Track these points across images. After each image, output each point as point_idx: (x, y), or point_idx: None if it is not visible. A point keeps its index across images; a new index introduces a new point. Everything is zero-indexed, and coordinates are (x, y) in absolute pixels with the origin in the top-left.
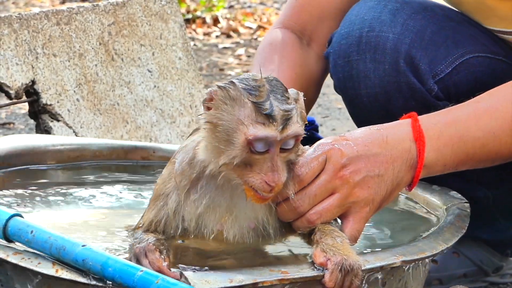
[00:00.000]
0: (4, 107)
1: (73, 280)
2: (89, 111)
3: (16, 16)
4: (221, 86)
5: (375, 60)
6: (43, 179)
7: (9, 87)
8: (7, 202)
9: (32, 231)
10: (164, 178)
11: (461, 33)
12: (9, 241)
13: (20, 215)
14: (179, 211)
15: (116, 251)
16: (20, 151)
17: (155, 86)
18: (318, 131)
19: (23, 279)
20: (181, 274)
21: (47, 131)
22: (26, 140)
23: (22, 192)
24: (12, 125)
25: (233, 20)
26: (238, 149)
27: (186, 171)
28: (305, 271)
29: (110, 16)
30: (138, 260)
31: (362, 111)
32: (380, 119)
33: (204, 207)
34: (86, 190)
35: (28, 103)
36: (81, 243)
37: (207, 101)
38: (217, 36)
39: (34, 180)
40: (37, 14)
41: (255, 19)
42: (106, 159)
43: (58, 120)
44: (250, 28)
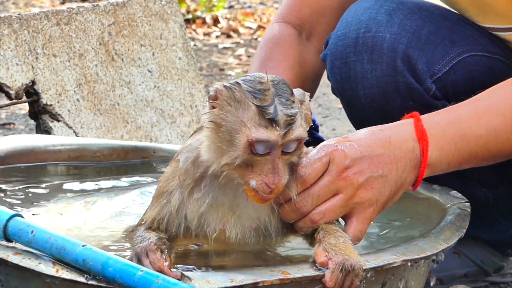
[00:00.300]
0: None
1: (74, 280)
2: (89, 111)
3: (16, 16)
4: (226, 86)
5: (372, 61)
6: (43, 179)
7: (9, 87)
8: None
9: (32, 231)
10: (168, 176)
11: (458, 33)
12: (10, 241)
13: (21, 215)
14: (182, 210)
15: (116, 251)
16: (21, 151)
17: (155, 86)
18: (318, 131)
19: (23, 279)
20: (181, 274)
21: (47, 131)
22: (26, 140)
23: (23, 192)
24: (12, 125)
25: (233, 20)
26: (240, 150)
27: (190, 170)
28: (306, 271)
29: (110, 16)
30: (139, 259)
31: (360, 112)
32: (378, 120)
33: (207, 206)
34: (86, 190)
35: (28, 104)
36: (81, 243)
37: (212, 99)
38: (217, 36)
39: (34, 180)
40: (37, 14)
41: (255, 19)
42: (106, 159)
43: (58, 120)
44: (250, 28)
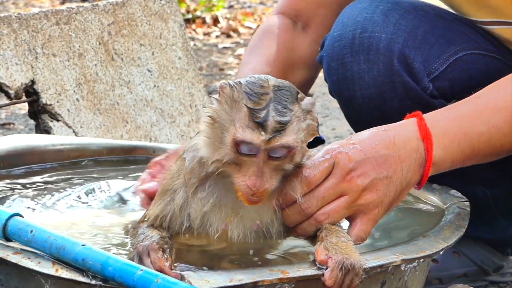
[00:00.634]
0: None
1: (73, 279)
2: (89, 111)
3: (15, 16)
4: (229, 83)
5: (369, 61)
6: (43, 178)
7: (8, 87)
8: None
9: (32, 231)
10: (173, 174)
11: (454, 31)
12: (9, 240)
13: (20, 215)
14: (185, 208)
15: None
16: (20, 151)
17: (155, 86)
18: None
19: (23, 279)
20: (181, 275)
21: (46, 131)
22: (26, 140)
23: (22, 192)
24: (12, 125)
25: (233, 20)
26: (228, 148)
27: (196, 169)
28: (305, 270)
29: (110, 16)
30: (140, 258)
31: (357, 112)
32: (376, 119)
33: (211, 206)
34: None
35: (28, 103)
36: (81, 243)
37: (216, 95)
38: (217, 36)
39: (34, 180)
40: (37, 14)
41: (255, 19)
42: (106, 159)
43: (58, 120)
44: (250, 28)
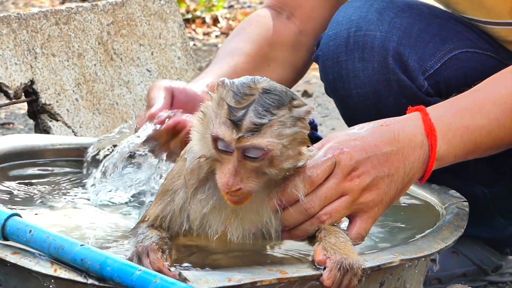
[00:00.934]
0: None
1: (72, 279)
2: (88, 111)
3: (14, 16)
4: (223, 81)
5: (363, 59)
6: (42, 178)
7: (8, 87)
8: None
9: (30, 231)
10: (174, 175)
11: (448, 30)
12: (8, 240)
13: (19, 215)
14: (185, 209)
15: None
16: (20, 151)
17: None
18: (317, 130)
19: (21, 279)
20: (179, 274)
21: (46, 130)
22: (25, 139)
23: (21, 192)
24: (11, 125)
25: (232, 20)
26: (210, 143)
27: (196, 170)
28: (304, 271)
29: (109, 16)
30: (139, 258)
31: (353, 111)
32: (372, 118)
33: (210, 208)
34: (84, 189)
35: (27, 103)
36: (79, 243)
37: (211, 90)
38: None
39: (33, 180)
40: (36, 14)
41: None
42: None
43: (57, 120)
44: None
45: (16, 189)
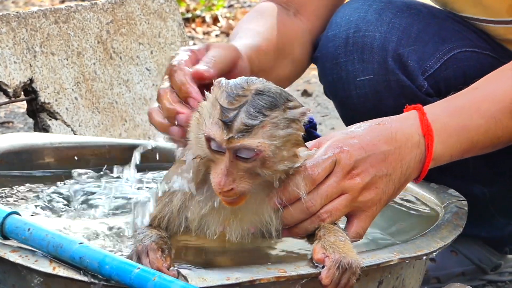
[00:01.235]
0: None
1: (70, 277)
2: (88, 110)
3: (14, 15)
4: (219, 82)
5: (363, 60)
6: (42, 177)
7: (7, 85)
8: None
9: (29, 229)
10: (171, 176)
11: (447, 29)
12: (6, 238)
13: (17, 213)
14: (183, 210)
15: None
16: (19, 149)
17: (153, 85)
18: (316, 129)
19: (20, 277)
20: (178, 272)
21: (45, 129)
22: (24, 138)
23: (20, 190)
24: (11, 124)
25: (232, 19)
26: (203, 143)
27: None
28: (302, 269)
29: (109, 15)
30: (139, 258)
31: (353, 112)
32: (372, 119)
33: (209, 209)
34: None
35: (27, 102)
36: (78, 241)
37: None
38: (216, 35)
39: (32, 178)
40: (35, 12)
41: None
42: (104, 157)
43: (56, 119)
44: None
45: (15, 188)
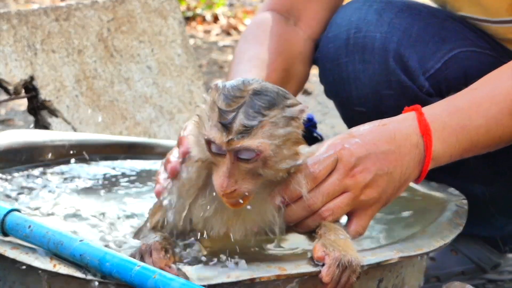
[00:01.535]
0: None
1: (71, 275)
2: (88, 107)
3: (15, 12)
4: (217, 84)
5: (364, 61)
6: (42, 174)
7: (7, 83)
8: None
9: (30, 226)
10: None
11: (447, 29)
12: (7, 235)
13: (18, 210)
14: (187, 214)
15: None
16: (19, 147)
17: (154, 83)
18: (316, 128)
19: (20, 274)
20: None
21: (45, 127)
22: (25, 135)
23: (21, 187)
24: (11, 121)
25: (233, 18)
26: (204, 146)
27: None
28: (303, 267)
29: (109, 13)
30: (142, 257)
31: (354, 113)
32: (373, 120)
33: (212, 211)
34: (84, 185)
35: (27, 99)
36: (78, 238)
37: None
38: (217, 34)
39: (32, 175)
40: (36, 10)
41: None
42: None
43: (57, 116)
44: None
45: (15, 185)
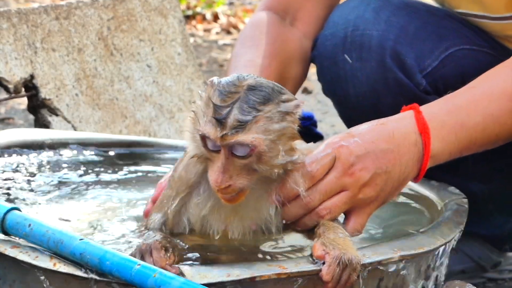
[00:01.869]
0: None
1: (71, 273)
2: (88, 106)
3: (15, 11)
4: (212, 81)
5: (361, 59)
6: (42, 173)
7: (8, 81)
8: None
9: (30, 225)
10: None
11: (445, 27)
12: (7, 234)
13: (18, 209)
14: (185, 213)
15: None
16: (19, 145)
17: (154, 81)
18: (317, 126)
19: (20, 273)
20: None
21: (45, 125)
22: (25, 134)
23: (21, 186)
24: (11, 120)
25: (233, 17)
26: (199, 142)
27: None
28: (303, 266)
29: (109, 11)
30: (142, 257)
31: (351, 111)
32: (370, 117)
33: (209, 209)
34: (84, 184)
35: (27, 98)
36: (78, 237)
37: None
38: (217, 33)
39: (32, 174)
40: (36, 8)
41: None
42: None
43: (57, 115)
44: None
45: (15, 184)
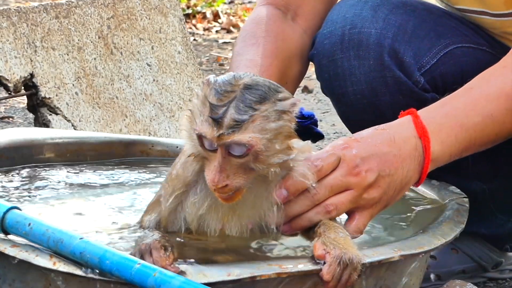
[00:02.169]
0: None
1: (71, 273)
2: (88, 105)
3: (14, 9)
4: (209, 79)
5: (359, 57)
6: (42, 172)
7: (7, 80)
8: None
9: (29, 224)
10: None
11: (443, 25)
12: (7, 233)
13: (18, 208)
14: (181, 212)
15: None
16: (19, 144)
17: (154, 80)
18: (317, 125)
19: (20, 272)
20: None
21: (45, 124)
22: (24, 133)
23: (20, 185)
24: (11, 119)
25: (233, 16)
26: (196, 141)
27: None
28: (303, 265)
29: (109, 10)
30: (142, 256)
31: (350, 109)
32: (369, 115)
33: (206, 208)
34: (84, 183)
35: (27, 97)
36: (78, 236)
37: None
38: (217, 31)
39: (32, 173)
40: (36, 7)
41: None
42: (105, 153)
43: (57, 114)
44: None
45: (15, 183)
